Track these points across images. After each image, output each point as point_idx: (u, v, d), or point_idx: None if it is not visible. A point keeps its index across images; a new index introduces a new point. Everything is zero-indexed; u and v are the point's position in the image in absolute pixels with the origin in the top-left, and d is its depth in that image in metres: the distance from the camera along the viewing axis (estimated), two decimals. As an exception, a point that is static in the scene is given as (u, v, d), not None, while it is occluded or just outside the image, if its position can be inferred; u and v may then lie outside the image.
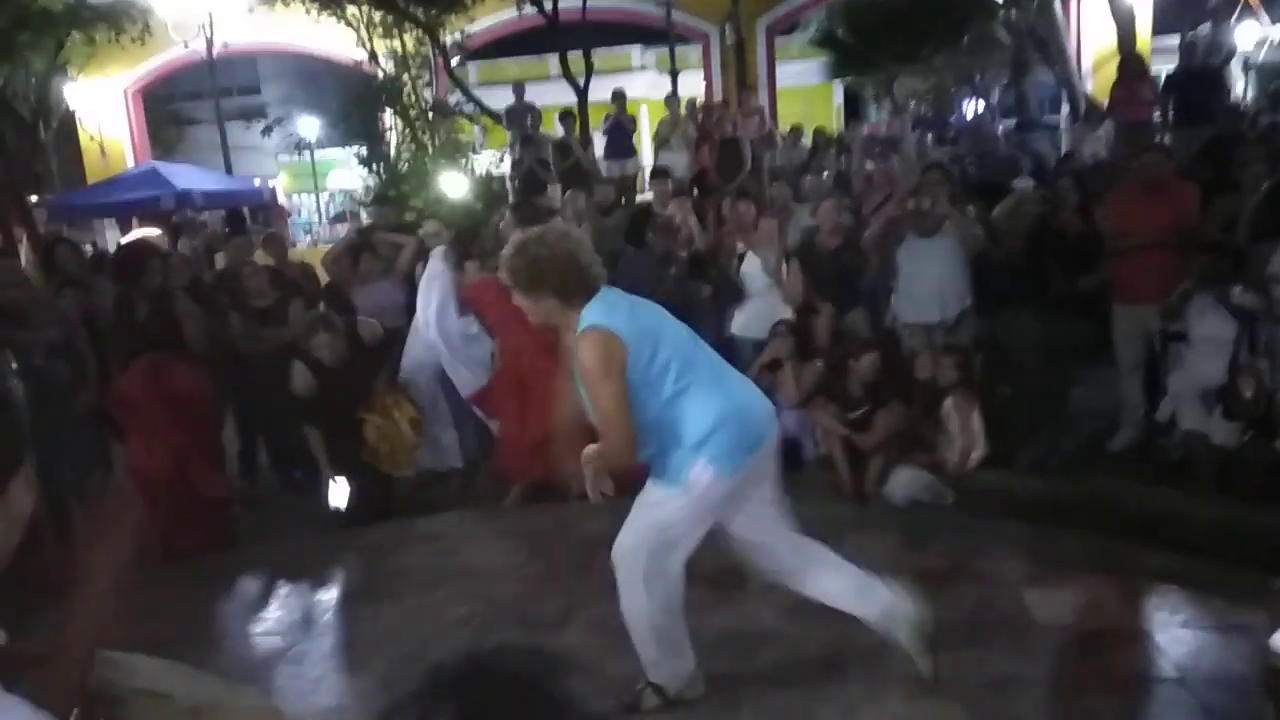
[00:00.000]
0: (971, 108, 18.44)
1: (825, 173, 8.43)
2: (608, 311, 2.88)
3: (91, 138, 17.19)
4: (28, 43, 12.27)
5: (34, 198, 14.23)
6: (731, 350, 6.50)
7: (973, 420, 5.32)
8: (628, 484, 3.11)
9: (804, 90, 18.44)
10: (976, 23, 14.85)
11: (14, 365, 5.96)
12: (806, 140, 11.11)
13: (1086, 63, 15.26)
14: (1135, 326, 5.71)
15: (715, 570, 4.39)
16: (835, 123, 17.78)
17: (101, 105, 16.68)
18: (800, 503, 5.11)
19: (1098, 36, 14.95)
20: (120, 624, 1.52)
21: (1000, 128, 14.64)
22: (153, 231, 10.98)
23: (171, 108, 21.57)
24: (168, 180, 13.82)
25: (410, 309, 6.11)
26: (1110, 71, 13.13)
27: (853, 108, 19.69)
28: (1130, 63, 10.11)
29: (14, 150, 13.77)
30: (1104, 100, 10.92)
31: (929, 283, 5.83)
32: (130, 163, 16.73)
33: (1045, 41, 15.06)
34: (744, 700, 3.32)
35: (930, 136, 11.35)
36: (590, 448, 2.99)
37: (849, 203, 7.11)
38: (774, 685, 3.39)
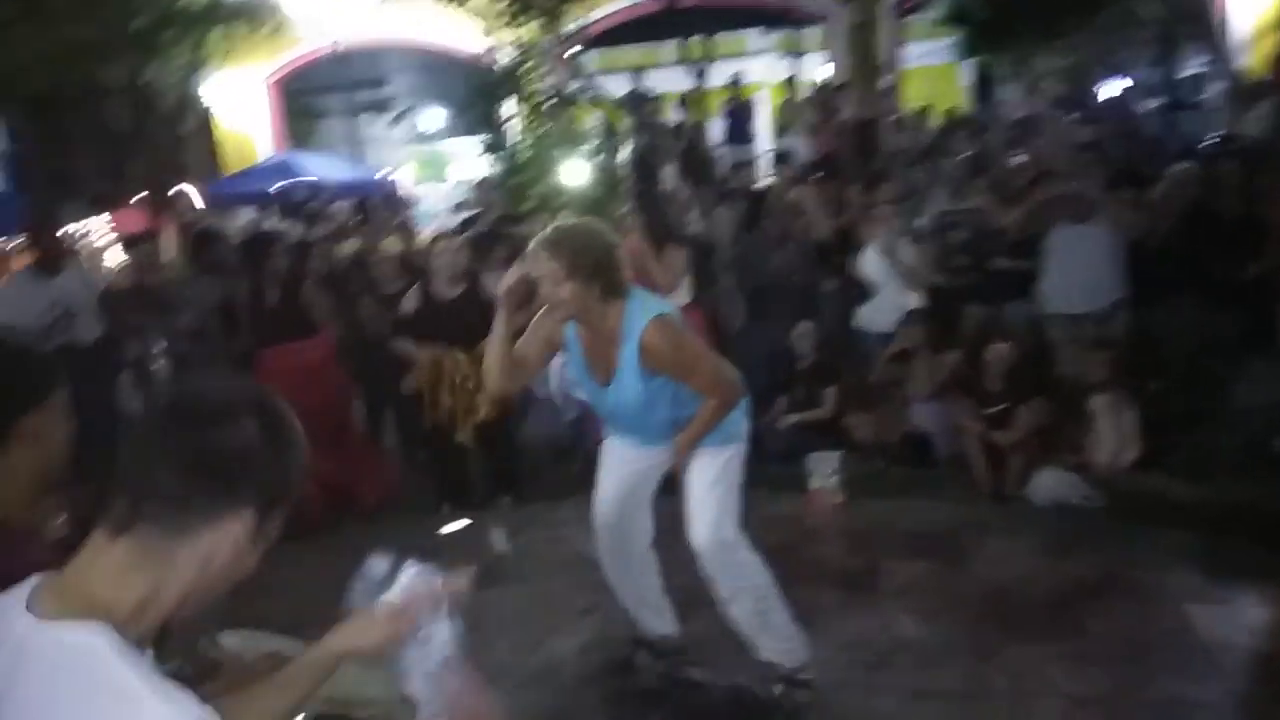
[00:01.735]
0: (1113, 86, 17.46)
1: (962, 155, 8.04)
2: (660, 303, 3.07)
3: (229, 130, 17.93)
4: (170, 40, 12.83)
5: (178, 187, 14.95)
6: (856, 343, 6.28)
7: (1124, 419, 4.97)
8: None
9: (930, 70, 17.73)
10: (1121, -4, 13.98)
11: (160, 347, 6.23)
12: (934, 121, 10.68)
13: (1240, 36, 14.21)
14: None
15: (844, 572, 4.25)
16: (964, 103, 17.07)
17: (238, 98, 17.38)
18: (935, 501, 4.97)
19: (1253, 7, 13.89)
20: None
21: (1144, 107, 13.79)
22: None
23: (304, 100, 22.35)
24: (300, 170, 14.29)
25: None
26: (1268, 46, 12.17)
27: (982, 88, 18.88)
28: (1304, 32, 9.27)
29: (159, 141, 14.46)
30: (1263, 76, 10.11)
31: (1080, 271, 5.49)
32: (265, 154, 17.39)
33: (1195, 14, 14.10)
34: (880, 714, 3.14)
35: (1072, 117, 10.75)
36: (691, 429, 3.05)
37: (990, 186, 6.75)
38: (913, 698, 3.20)
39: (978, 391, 5.17)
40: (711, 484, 3.10)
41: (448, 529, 5.15)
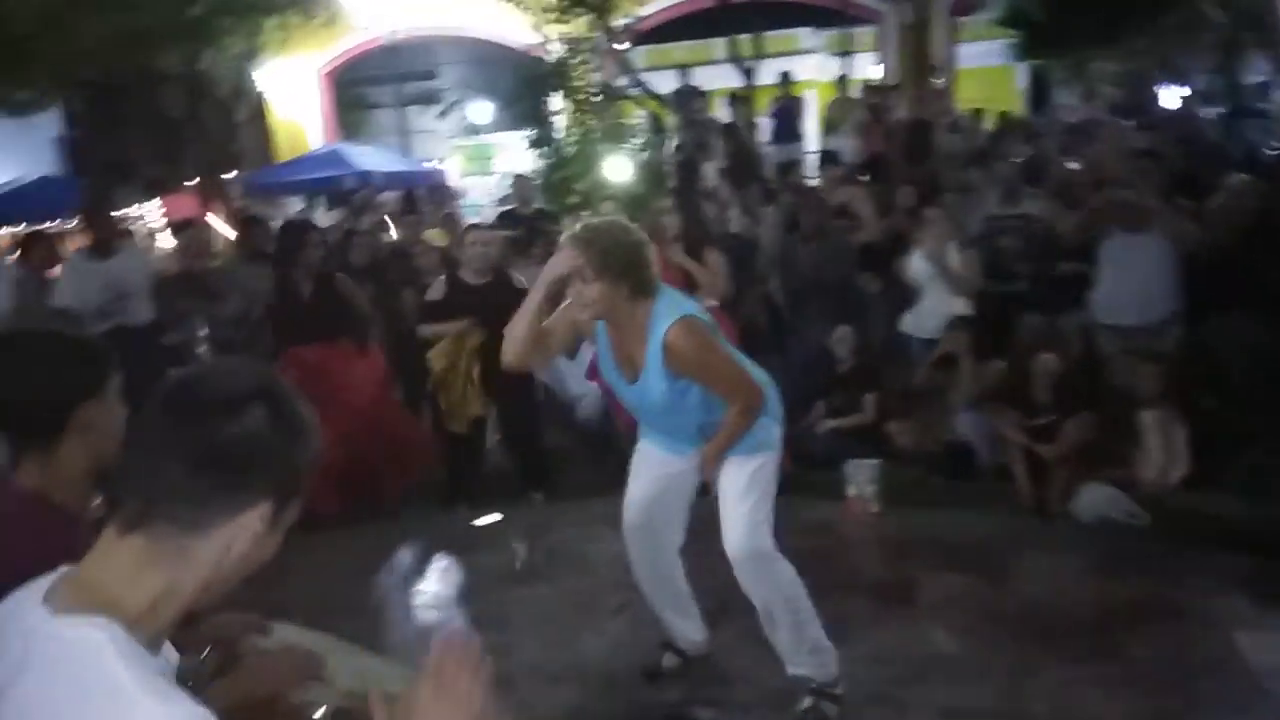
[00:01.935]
0: (1172, 93, 17.07)
1: (1015, 159, 7.88)
2: (686, 303, 3.00)
3: (281, 119, 18.16)
4: (226, 27, 13.01)
5: (229, 175, 15.17)
6: (899, 349, 6.18)
7: (1175, 435, 4.83)
8: None
9: (984, 72, 17.44)
10: (1184, 0, 13.62)
11: (206, 332, 6.31)
12: (988, 124, 10.50)
13: (1310, 43, 13.77)
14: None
15: (879, 582, 4.17)
16: (1018, 107, 16.78)
17: (292, 87, 17.59)
18: (975, 513, 4.86)
19: (1325, 13, 13.45)
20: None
21: (1205, 114, 13.42)
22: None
23: (356, 91, 22.58)
24: (349, 161, 14.41)
25: None
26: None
27: (1037, 91, 18.54)
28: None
29: (212, 130, 14.66)
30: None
31: (1133, 282, 5.34)
32: (316, 144, 17.58)
33: (1260, 19, 13.69)
34: (911, 728, 3.08)
35: (1129, 123, 10.50)
36: (718, 439, 2.99)
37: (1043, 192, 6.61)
38: (945, 716, 3.12)
39: (1023, 402, 5.05)
40: (743, 493, 3.04)
41: (480, 522, 5.15)
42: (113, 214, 6.38)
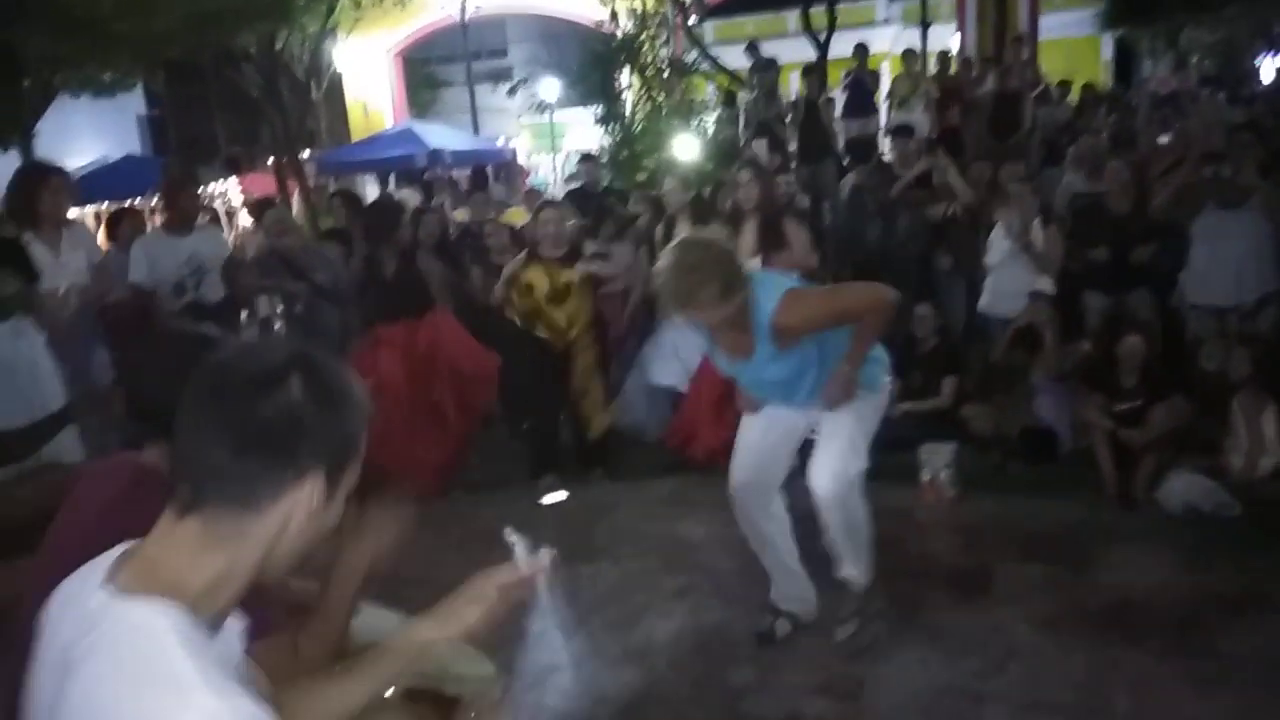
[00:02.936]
0: (1268, 64, 16.33)
1: (1101, 132, 7.58)
2: (776, 280, 3.14)
3: (354, 98, 18.42)
4: (302, 7, 13.19)
5: (305, 153, 15.45)
6: (978, 328, 5.99)
7: (1264, 421, 4.60)
8: None
9: (1068, 43, 16.86)
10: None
11: (279, 309, 6.39)
12: (1072, 97, 10.13)
13: None
14: None
15: (955, 571, 4.06)
16: (1104, 78, 16.18)
17: (366, 66, 17.82)
18: (1056, 501, 4.70)
19: None
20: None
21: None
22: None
23: (427, 70, 22.80)
24: (421, 139, 14.57)
25: None
26: None
27: (1124, 63, 17.86)
28: None
29: (289, 108, 14.92)
30: None
31: (1227, 261, 5.11)
32: (389, 121, 17.80)
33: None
34: (988, 723, 2.98)
35: (1222, 96, 10.03)
36: (854, 349, 3.08)
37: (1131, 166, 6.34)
38: (1024, 710, 3.02)
39: (1108, 385, 4.86)
40: (843, 428, 3.15)
41: (546, 500, 5.15)
42: (195, 191, 6.45)
